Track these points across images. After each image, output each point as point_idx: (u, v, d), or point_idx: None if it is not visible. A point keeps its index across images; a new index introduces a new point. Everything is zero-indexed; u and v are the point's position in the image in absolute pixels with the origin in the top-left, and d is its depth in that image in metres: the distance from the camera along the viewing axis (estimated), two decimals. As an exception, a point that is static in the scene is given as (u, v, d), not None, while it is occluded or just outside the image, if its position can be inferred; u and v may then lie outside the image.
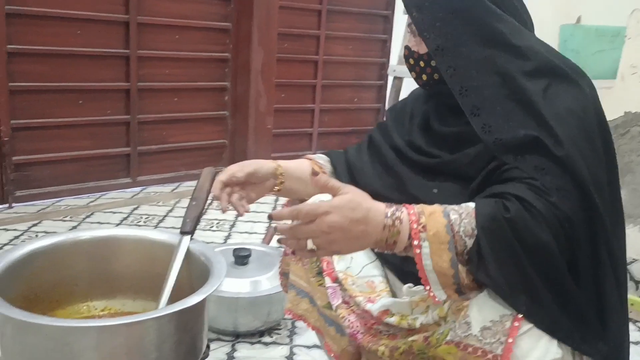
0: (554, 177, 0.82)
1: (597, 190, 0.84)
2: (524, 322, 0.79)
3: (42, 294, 1.01)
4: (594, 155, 0.87)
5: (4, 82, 2.36)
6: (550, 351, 0.79)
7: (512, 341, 0.78)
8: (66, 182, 2.64)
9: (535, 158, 0.84)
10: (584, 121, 0.88)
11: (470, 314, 0.82)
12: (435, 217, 0.81)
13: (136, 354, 0.82)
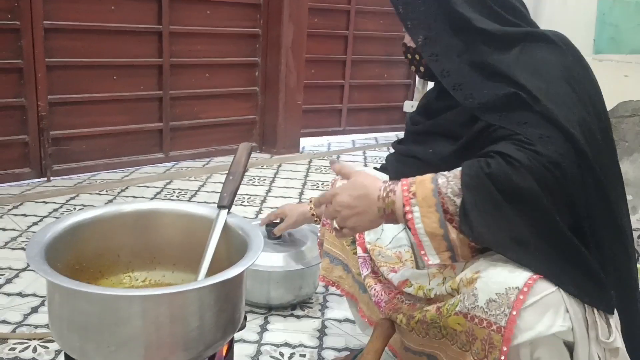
0: (536, 127, 0.86)
1: (582, 132, 0.87)
2: (529, 295, 0.81)
3: (87, 264, 1.04)
4: (575, 98, 0.91)
5: (42, 57, 2.41)
6: (555, 324, 0.81)
7: (515, 314, 0.81)
8: (101, 156, 2.70)
9: (516, 114, 0.89)
10: (560, 68, 0.92)
11: (477, 286, 0.85)
12: (424, 184, 0.89)
13: (179, 322, 0.85)
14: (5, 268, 1.72)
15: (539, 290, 0.81)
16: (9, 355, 1.30)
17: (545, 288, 0.82)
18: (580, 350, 0.83)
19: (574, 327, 0.82)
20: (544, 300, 0.81)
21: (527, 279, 0.82)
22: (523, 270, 0.83)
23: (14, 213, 2.15)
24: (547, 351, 0.83)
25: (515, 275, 0.83)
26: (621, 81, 1.88)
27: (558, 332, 0.81)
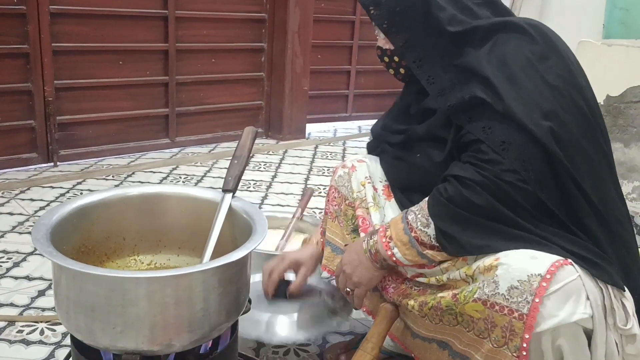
0: (499, 133, 0.89)
1: (550, 127, 0.87)
2: (551, 282, 0.80)
3: (93, 247, 1.05)
4: (546, 88, 0.90)
5: (48, 42, 2.41)
6: (577, 311, 0.81)
7: (538, 301, 0.80)
8: (108, 141, 2.71)
9: (483, 118, 0.92)
10: (529, 59, 0.92)
11: (498, 273, 0.84)
12: (396, 225, 0.98)
13: (184, 304, 0.85)
14: (13, 252, 1.74)
15: (561, 278, 0.81)
16: (17, 338, 1.32)
17: (567, 275, 0.81)
18: (598, 337, 0.83)
19: (594, 314, 0.82)
20: (567, 287, 0.81)
21: (550, 265, 0.81)
22: (545, 256, 0.83)
23: (21, 198, 2.17)
24: (568, 338, 0.83)
25: (537, 261, 0.82)
26: (630, 66, 1.86)
27: (579, 319, 0.81)
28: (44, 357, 1.26)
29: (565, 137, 0.89)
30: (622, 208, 0.96)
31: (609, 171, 0.95)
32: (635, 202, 1.91)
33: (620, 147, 1.92)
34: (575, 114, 0.91)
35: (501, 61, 0.93)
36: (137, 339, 0.85)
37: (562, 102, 0.90)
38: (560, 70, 0.92)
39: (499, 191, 0.87)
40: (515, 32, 0.96)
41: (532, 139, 0.88)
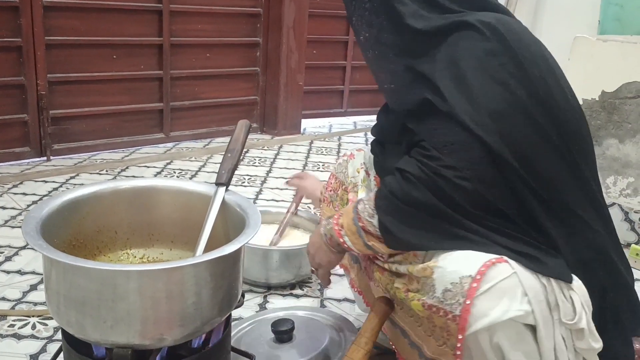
0: (444, 134, 0.89)
1: (498, 127, 0.86)
2: (482, 282, 0.80)
3: (84, 241, 1.04)
4: (497, 86, 0.88)
5: (41, 36, 2.39)
6: (511, 309, 0.81)
7: (470, 302, 0.81)
8: (101, 136, 2.69)
9: (429, 121, 0.92)
10: (479, 58, 0.89)
11: (434, 276, 0.86)
12: (348, 214, 1.00)
13: (176, 297, 0.84)
14: (5, 246, 1.72)
15: (492, 277, 0.81)
16: (8, 332, 1.31)
17: (499, 273, 0.81)
18: (543, 333, 0.82)
19: (534, 310, 0.81)
20: (499, 285, 0.81)
21: (481, 266, 0.81)
22: (477, 257, 0.83)
23: (13, 192, 2.15)
24: (506, 336, 0.83)
25: (469, 263, 0.83)
26: (625, 62, 1.86)
27: (515, 316, 0.81)
28: (35, 352, 1.25)
29: (513, 136, 0.87)
30: (588, 205, 0.92)
31: (573, 168, 0.91)
32: (629, 198, 1.92)
33: (615, 143, 1.92)
34: (527, 112, 0.88)
35: (450, 61, 0.91)
36: (129, 333, 0.84)
37: (512, 101, 0.88)
38: (513, 68, 0.89)
39: (435, 186, 0.87)
40: (467, 30, 0.93)
41: (476, 139, 0.86)
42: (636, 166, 1.89)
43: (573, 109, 0.94)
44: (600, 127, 1.95)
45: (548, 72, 0.92)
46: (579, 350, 0.86)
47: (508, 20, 0.95)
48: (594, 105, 1.96)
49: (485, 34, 0.91)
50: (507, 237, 0.87)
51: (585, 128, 0.97)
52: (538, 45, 0.96)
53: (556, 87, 0.92)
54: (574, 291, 0.85)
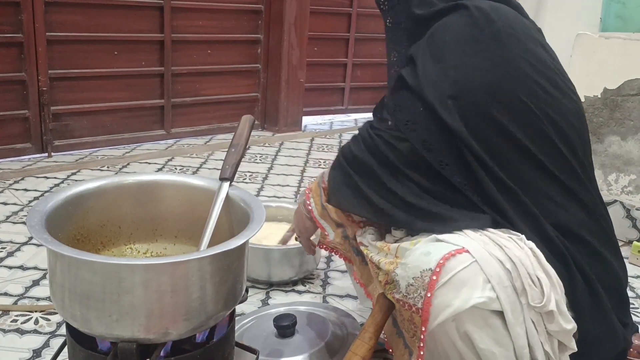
0: (407, 112, 0.94)
1: (459, 104, 0.90)
2: (441, 274, 0.81)
3: (88, 236, 1.04)
4: (474, 62, 0.92)
5: (42, 31, 2.39)
6: (473, 297, 0.81)
7: (430, 295, 0.82)
8: (103, 132, 2.69)
9: (398, 96, 0.97)
10: (459, 35, 0.93)
11: (398, 272, 0.87)
12: (316, 179, 1.09)
13: (181, 292, 0.84)
14: (7, 242, 1.72)
15: (451, 267, 0.82)
16: (11, 327, 1.31)
17: (458, 264, 0.82)
18: (511, 318, 0.82)
19: (499, 296, 0.81)
20: (458, 275, 0.81)
21: (440, 258, 0.82)
22: (439, 250, 0.84)
23: (15, 188, 2.15)
24: (473, 324, 0.83)
25: (430, 257, 0.84)
26: (627, 59, 1.86)
27: (477, 303, 0.81)
28: (38, 347, 1.25)
29: (473, 116, 0.90)
30: (556, 186, 0.94)
31: (541, 148, 0.93)
32: (631, 195, 1.92)
33: (617, 140, 1.92)
34: (513, 89, 0.91)
35: (431, 41, 0.96)
36: (133, 327, 0.84)
37: (482, 81, 0.91)
38: (494, 50, 0.92)
39: (372, 144, 0.95)
40: (459, 11, 0.96)
41: (434, 117, 0.91)
42: (638, 163, 1.89)
43: (556, 100, 0.95)
44: (603, 124, 1.95)
45: (536, 60, 0.94)
46: (552, 332, 0.86)
47: (504, 8, 0.97)
48: (596, 102, 1.96)
49: (474, 15, 0.94)
50: (447, 209, 0.91)
51: (577, 119, 0.98)
52: (530, 33, 0.97)
53: (538, 74, 0.93)
54: (543, 271, 0.85)
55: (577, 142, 0.97)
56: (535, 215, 0.92)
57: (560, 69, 1.00)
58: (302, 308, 1.36)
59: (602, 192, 1.97)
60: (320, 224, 1.13)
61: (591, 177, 1.00)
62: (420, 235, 0.94)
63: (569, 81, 1.01)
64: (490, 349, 0.83)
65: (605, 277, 0.95)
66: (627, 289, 1.02)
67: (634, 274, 1.75)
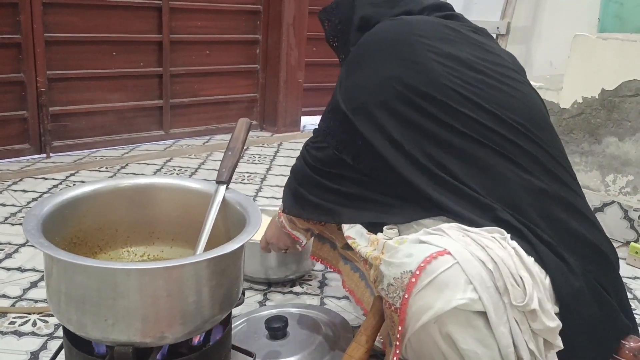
0: (327, 119, 1.11)
1: (367, 110, 1.01)
2: (421, 277, 0.82)
3: (85, 239, 1.04)
4: (377, 72, 1.01)
5: (40, 32, 2.39)
6: (454, 298, 0.81)
7: (407, 296, 0.83)
8: (101, 133, 2.69)
9: (330, 103, 1.11)
10: (382, 41, 1.04)
11: (381, 269, 0.88)
12: None
13: (176, 296, 0.85)
14: (5, 243, 1.72)
15: (432, 270, 0.82)
16: (9, 329, 1.31)
17: (440, 265, 0.82)
18: (494, 318, 0.83)
19: (481, 297, 0.82)
20: (439, 278, 0.82)
21: (422, 262, 0.83)
22: (422, 252, 0.84)
23: (13, 189, 2.15)
24: (455, 325, 0.83)
25: (411, 259, 0.84)
26: (625, 60, 1.86)
27: (459, 305, 0.82)
28: (36, 349, 1.25)
29: (393, 115, 0.98)
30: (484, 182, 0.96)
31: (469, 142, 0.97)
32: (629, 196, 1.92)
33: (615, 141, 1.92)
34: (407, 101, 0.98)
35: (355, 50, 1.07)
36: (129, 331, 0.84)
37: (410, 80, 0.98)
38: (405, 54, 1.00)
39: (302, 155, 1.13)
40: (389, 21, 1.07)
41: (347, 124, 1.03)
42: (636, 164, 1.89)
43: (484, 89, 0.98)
44: (600, 125, 1.95)
45: (448, 57, 0.99)
46: (536, 331, 0.86)
47: (423, 18, 1.09)
48: (594, 103, 1.96)
49: (402, 21, 1.06)
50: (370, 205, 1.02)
51: (522, 107, 1.00)
52: (444, 37, 1.04)
53: (453, 70, 0.99)
54: (527, 270, 0.85)
55: (527, 125, 0.99)
56: (473, 197, 0.94)
57: (501, 68, 1.04)
58: (293, 310, 1.36)
59: (600, 193, 1.97)
60: (294, 234, 1.25)
61: (553, 158, 1.00)
62: (407, 232, 0.96)
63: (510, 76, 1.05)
64: (474, 349, 0.83)
65: (586, 253, 0.95)
66: (618, 267, 1.02)
67: (632, 275, 1.76)
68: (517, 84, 1.03)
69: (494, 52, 1.06)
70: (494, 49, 1.07)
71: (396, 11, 1.11)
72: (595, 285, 0.93)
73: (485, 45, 1.06)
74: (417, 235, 0.89)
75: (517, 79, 1.04)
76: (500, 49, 1.11)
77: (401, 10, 1.11)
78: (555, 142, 1.04)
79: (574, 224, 0.96)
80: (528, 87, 1.06)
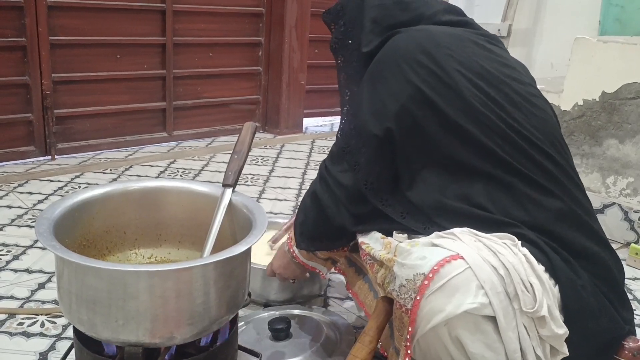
0: (344, 136, 1.09)
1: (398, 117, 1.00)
2: (434, 280, 0.83)
3: (94, 241, 1.06)
4: (397, 83, 1.00)
5: (45, 35, 2.41)
6: (464, 302, 0.83)
7: (419, 298, 0.84)
8: (105, 135, 2.71)
9: (345, 118, 1.13)
10: (395, 60, 1.02)
11: (394, 269, 0.89)
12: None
13: (185, 297, 0.86)
14: (12, 245, 1.74)
15: (445, 273, 0.83)
16: (18, 330, 1.33)
17: (453, 269, 0.83)
18: (504, 323, 0.84)
19: (491, 301, 0.83)
20: (451, 282, 0.83)
21: (435, 264, 0.84)
22: (435, 256, 0.85)
23: (19, 191, 2.17)
24: (465, 329, 0.85)
25: (424, 261, 0.85)
26: (625, 63, 1.88)
27: (469, 309, 0.83)
28: (44, 349, 1.27)
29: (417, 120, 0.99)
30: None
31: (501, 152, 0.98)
32: (629, 197, 1.94)
33: (615, 143, 1.94)
34: (448, 96, 0.97)
35: (367, 76, 1.05)
36: (139, 331, 0.86)
37: (430, 89, 0.97)
38: (428, 65, 0.98)
39: (320, 177, 1.11)
40: (397, 35, 1.05)
41: (368, 135, 1.02)
42: (636, 166, 1.91)
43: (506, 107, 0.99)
44: (601, 127, 1.97)
45: (474, 72, 0.99)
46: (544, 337, 0.87)
47: (441, 27, 1.07)
48: (595, 106, 1.97)
49: (419, 31, 1.04)
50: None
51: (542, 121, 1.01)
52: (465, 50, 1.03)
53: (478, 85, 0.99)
54: (537, 277, 0.87)
55: (539, 138, 1.00)
56: (485, 217, 0.96)
57: (519, 78, 1.05)
58: (296, 311, 1.38)
59: (600, 194, 1.99)
60: (310, 266, 1.24)
61: (567, 173, 1.02)
62: (418, 237, 0.96)
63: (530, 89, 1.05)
64: (481, 353, 0.85)
65: (595, 270, 0.97)
66: (623, 283, 1.04)
67: (632, 275, 1.77)
68: (537, 99, 1.04)
69: (511, 66, 1.06)
70: (509, 61, 1.07)
71: (407, 15, 1.09)
72: (602, 299, 0.95)
73: (503, 59, 1.06)
74: (429, 239, 0.90)
75: (535, 94, 1.05)
76: (514, 60, 1.10)
77: (413, 14, 1.09)
78: (569, 158, 1.06)
79: (585, 242, 0.98)
80: (544, 102, 1.07)
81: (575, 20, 2.70)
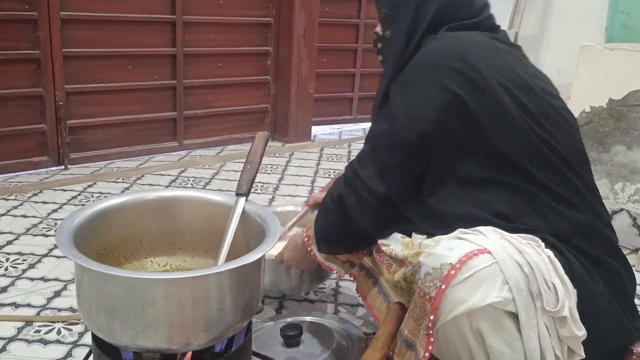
0: (377, 131, 1.10)
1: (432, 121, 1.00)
2: (461, 271, 0.84)
3: (112, 250, 1.09)
4: (430, 88, 1.00)
5: (58, 48, 2.45)
6: (489, 296, 0.84)
7: (444, 287, 0.85)
8: (117, 145, 2.75)
9: (381, 112, 1.10)
10: (429, 64, 1.02)
11: (421, 259, 0.91)
12: (312, 224, 1.23)
13: (201, 304, 0.89)
14: (28, 254, 1.78)
15: (472, 266, 0.84)
16: (35, 337, 1.36)
17: (480, 263, 0.85)
18: (525, 320, 0.85)
19: (515, 297, 0.84)
20: (478, 274, 0.84)
21: (462, 256, 0.85)
22: (463, 248, 0.87)
23: (34, 200, 2.21)
24: (486, 322, 0.86)
25: (452, 252, 0.87)
26: (632, 70, 1.89)
27: (493, 302, 0.84)
28: (61, 357, 1.29)
29: (450, 125, 0.99)
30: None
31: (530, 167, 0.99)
32: (638, 204, 1.94)
33: (623, 149, 1.95)
34: (482, 100, 0.97)
35: (411, 67, 1.05)
36: (156, 338, 0.89)
37: (465, 93, 0.97)
38: (463, 71, 0.98)
39: (345, 181, 1.12)
40: (434, 40, 1.05)
41: (401, 136, 1.04)
42: (644, 172, 1.92)
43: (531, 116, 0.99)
44: (608, 134, 1.98)
45: (513, 82, 0.99)
46: (562, 338, 0.88)
47: (479, 35, 1.05)
48: (602, 112, 1.99)
49: (458, 37, 1.03)
50: None
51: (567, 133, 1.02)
52: (498, 60, 1.03)
53: (516, 97, 0.99)
54: (559, 279, 0.88)
55: (569, 153, 1.01)
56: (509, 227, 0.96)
57: (547, 90, 1.05)
58: (308, 318, 1.40)
59: (609, 200, 2.00)
60: (327, 266, 1.25)
61: (589, 187, 1.04)
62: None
63: (556, 97, 1.06)
64: (500, 348, 0.86)
65: (609, 278, 0.98)
66: (634, 292, 1.05)
67: (641, 281, 1.78)
68: (567, 114, 1.05)
69: (541, 78, 1.07)
70: (540, 73, 1.08)
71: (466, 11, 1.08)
72: (615, 306, 0.97)
73: (535, 70, 1.07)
74: (455, 233, 0.92)
75: (565, 108, 1.06)
76: (540, 71, 1.10)
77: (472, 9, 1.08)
78: (589, 170, 1.07)
79: (601, 252, 1.00)
80: (571, 116, 1.07)
81: (581, 27, 2.72)
